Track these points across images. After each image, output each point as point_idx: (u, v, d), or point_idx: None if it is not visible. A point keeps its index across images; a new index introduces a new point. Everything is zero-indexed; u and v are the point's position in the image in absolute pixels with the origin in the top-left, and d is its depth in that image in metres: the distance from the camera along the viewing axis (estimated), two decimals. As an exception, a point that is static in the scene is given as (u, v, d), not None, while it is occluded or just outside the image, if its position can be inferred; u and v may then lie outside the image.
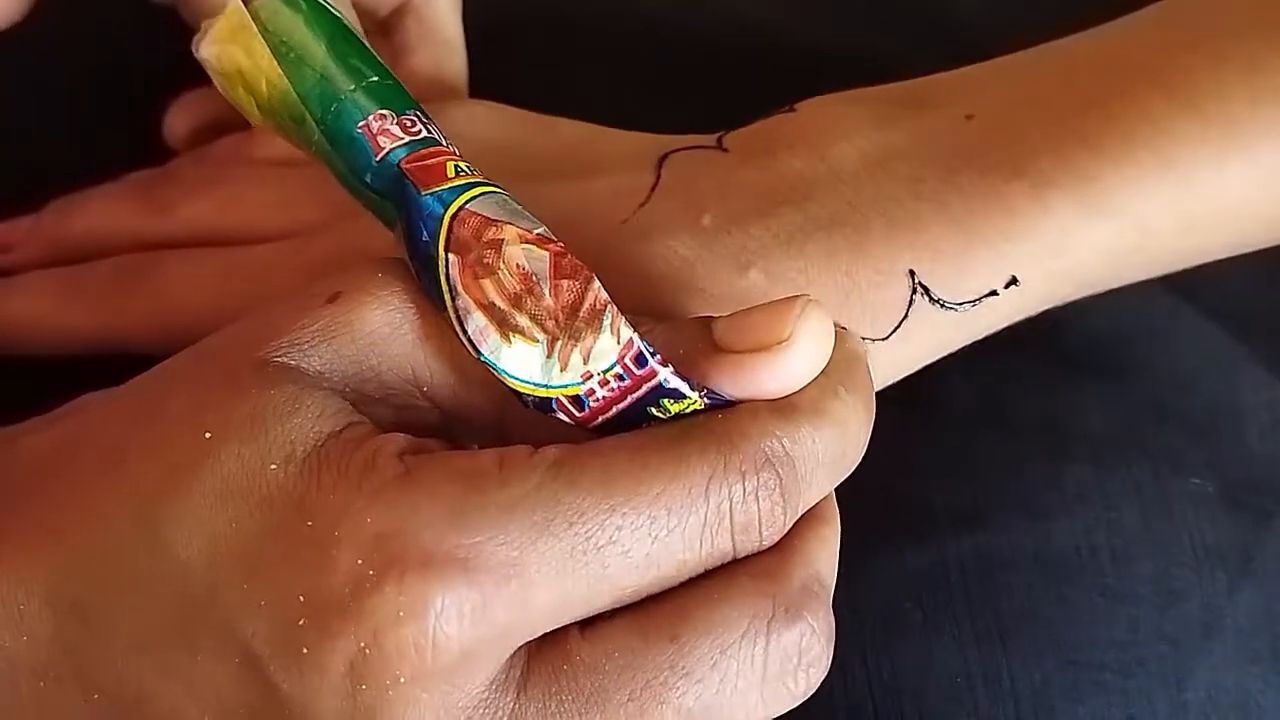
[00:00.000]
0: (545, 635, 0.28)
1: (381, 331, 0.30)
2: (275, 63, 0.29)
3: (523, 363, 0.28)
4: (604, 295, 0.28)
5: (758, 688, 0.28)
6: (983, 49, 0.39)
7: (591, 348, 0.28)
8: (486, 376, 0.29)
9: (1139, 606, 0.37)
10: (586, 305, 0.28)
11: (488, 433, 0.29)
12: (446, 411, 0.31)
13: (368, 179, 0.29)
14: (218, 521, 0.27)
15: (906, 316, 0.36)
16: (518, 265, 0.28)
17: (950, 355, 0.37)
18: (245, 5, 0.30)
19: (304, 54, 0.30)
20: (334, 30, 0.30)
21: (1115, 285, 0.38)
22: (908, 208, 0.36)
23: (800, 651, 0.28)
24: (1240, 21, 0.36)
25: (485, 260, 0.28)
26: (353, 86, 0.30)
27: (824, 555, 0.30)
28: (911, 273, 0.36)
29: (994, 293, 0.36)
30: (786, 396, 0.29)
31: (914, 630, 0.36)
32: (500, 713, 0.27)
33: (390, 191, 0.29)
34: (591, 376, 0.28)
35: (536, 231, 0.29)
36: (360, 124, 0.29)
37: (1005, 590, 0.36)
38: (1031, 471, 0.38)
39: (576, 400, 0.28)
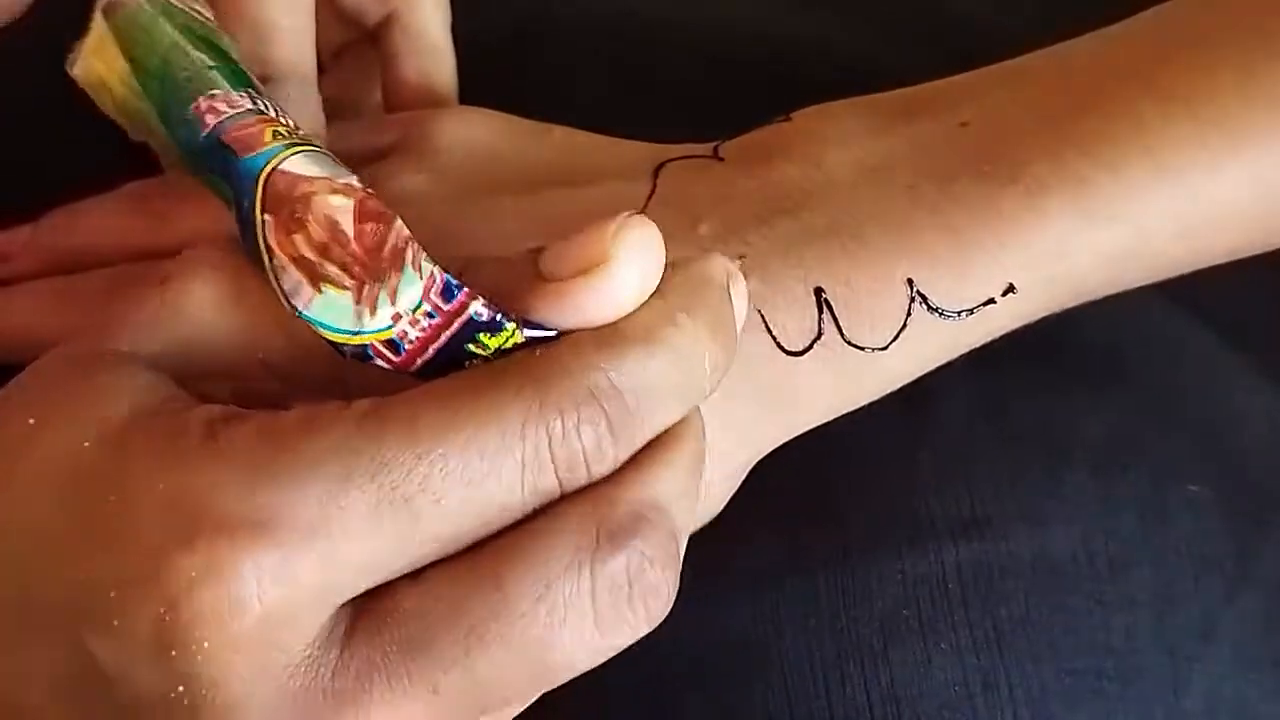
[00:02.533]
0: (373, 590, 0.28)
1: (209, 306, 0.30)
2: (127, 66, 0.30)
3: (335, 311, 0.28)
4: (405, 232, 0.28)
5: (590, 620, 0.27)
6: (978, 56, 0.39)
7: (396, 286, 0.28)
8: (318, 339, 0.29)
9: (1137, 614, 0.37)
10: (390, 245, 0.28)
11: (330, 397, 0.29)
12: (286, 380, 0.30)
13: (200, 157, 0.30)
14: (37, 504, 0.28)
15: (905, 326, 0.36)
16: (325, 215, 0.28)
17: (948, 363, 0.37)
18: (106, 18, 0.31)
19: (149, 52, 0.30)
20: (182, 27, 0.31)
21: (1113, 291, 0.38)
22: (904, 216, 0.36)
23: (630, 579, 0.28)
24: (1235, 26, 0.37)
25: (296, 214, 0.28)
26: (189, 74, 0.30)
27: (665, 478, 0.29)
28: (910, 281, 0.36)
29: (991, 301, 0.36)
30: (614, 324, 0.28)
31: (912, 637, 0.35)
32: (325, 669, 0.27)
33: (218, 165, 0.29)
34: (401, 318, 0.28)
35: (343, 181, 0.29)
36: (192, 105, 0.30)
37: (1003, 597, 0.36)
38: (1029, 479, 0.38)
39: (391, 345, 0.28)
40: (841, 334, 0.36)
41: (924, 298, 0.36)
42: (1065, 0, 0.43)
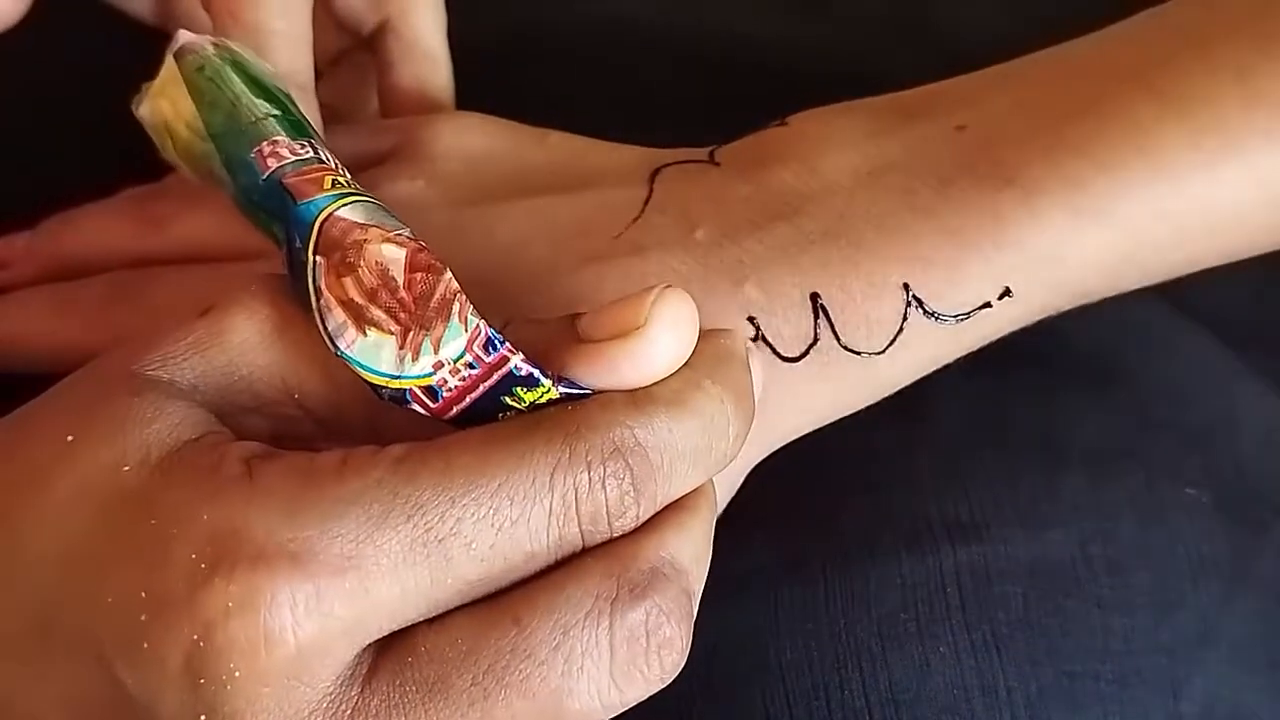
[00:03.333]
0: (395, 632, 0.28)
1: (251, 341, 0.30)
2: (194, 107, 0.32)
3: (377, 354, 0.29)
4: (454, 285, 0.29)
5: (606, 670, 0.28)
6: (974, 59, 0.39)
7: (441, 336, 0.29)
8: (355, 382, 0.29)
9: (1135, 616, 0.37)
10: (438, 295, 0.29)
11: (362, 440, 0.29)
12: (320, 419, 0.31)
13: (256, 198, 0.31)
14: (72, 522, 0.28)
15: (901, 330, 0.36)
16: (376, 262, 0.29)
17: (945, 366, 0.37)
18: (177, 61, 0.32)
19: (217, 97, 0.32)
20: (248, 77, 0.32)
21: (1109, 294, 0.38)
22: (900, 220, 0.36)
23: (648, 632, 0.28)
24: (1231, 28, 0.36)
25: (348, 259, 0.29)
26: (254, 119, 0.31)
27: (682, 541, 0.29)
28: (905, 285, 0.36)
29: (987, 304, 0.36)
30: (646, 388, 0.29)
31: (911, 641, 0.35)
32: (345, 707, 0.27)
33: (274, 207, 0.30)
34: (443, 366, 0.29)
35: (398, 232, 0.29)
36: (254, 149, 0.31)
37: (1001, 601, 0.36)
38: (1027, 482, 0.38)
39: (430, 391, 0.29)
40: (838, 339, 0.36)
41: (920, 302, 0.36)
42: (1060, 2, 0.43)
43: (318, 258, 0.29)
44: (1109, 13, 0.39)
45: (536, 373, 0.29)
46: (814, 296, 0.36)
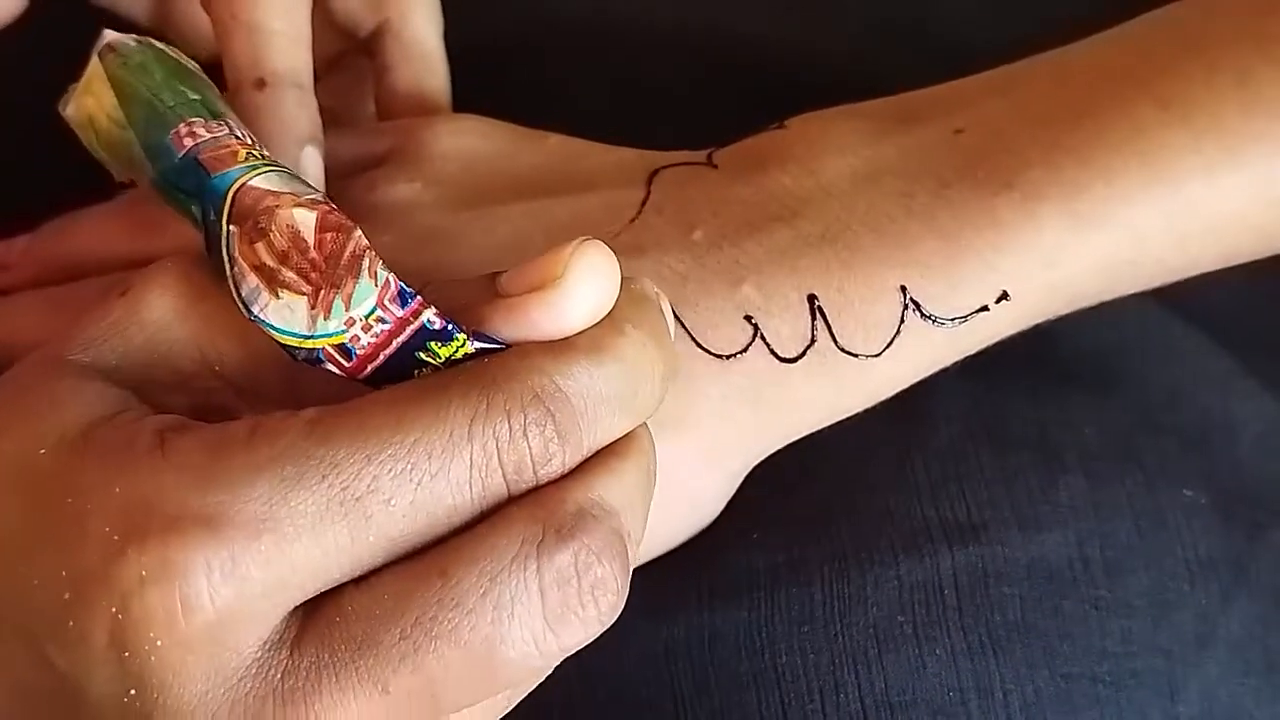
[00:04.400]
0: (323, 594, 0.28)
1: (166, 317, 0.30)
2: (115, 100, 0.32)
3: (290, 315, 0.29)
4: (364, 242, 0.29)
5: (539, 615, 0.28)
6: (973, 63, 0.39)
7: (352, 293, 0.29)
8: (273, 349, 0.29)
9: (1132, 618, 0.37)
10: (348, 253, 0.29)
11: (283, 409, 0.29)
12: (241, 390, 0.31)
13: (173, 179, 0.31)
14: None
15: (899, 333, 0.36)
16: (287, 225, 0.29)
17: (943, 369, 0.37)
18: (101, 59, 0.33)
19: (138, 89, 0.32)
20: (169, 69, 0.32)
21: (1107, 298, 0.38)
22: (898, 223, 0.36)
23: (578, 573, 0.28)
24: (1231, 32, 0.36)
25: (260, 225, 0.29)
26: (171, 105, 0.31)
27: (611, 484, 0.29)
28: (903, 289, 0.36)
29: (985, 308, 0.36)
30: (566, 337, 0.29)
31: (907, 643, 0.35)
32: (275, 671, 0.27)
33: (190, 185, 0.30)
34: (355, 322, 0.29)
35: (309, 197, 0.30)
36: (171, 132, 0.31)
37: (998, 602, 0.36)
38: (1024, 484, 0.38)
39: (343, 349, 0.29)
40: (835, 341, 0.36)
41: (917, 305, 0.36)
42: (1059, 5, 0.43)
43: (231, 227, 0.29)
44: (1108, 16, 0.39)
45: (450, 326, 0.29)
46: (811, 298, 0.36)
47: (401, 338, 0.29)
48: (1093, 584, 0.37)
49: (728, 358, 0.36)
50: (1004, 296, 0.36)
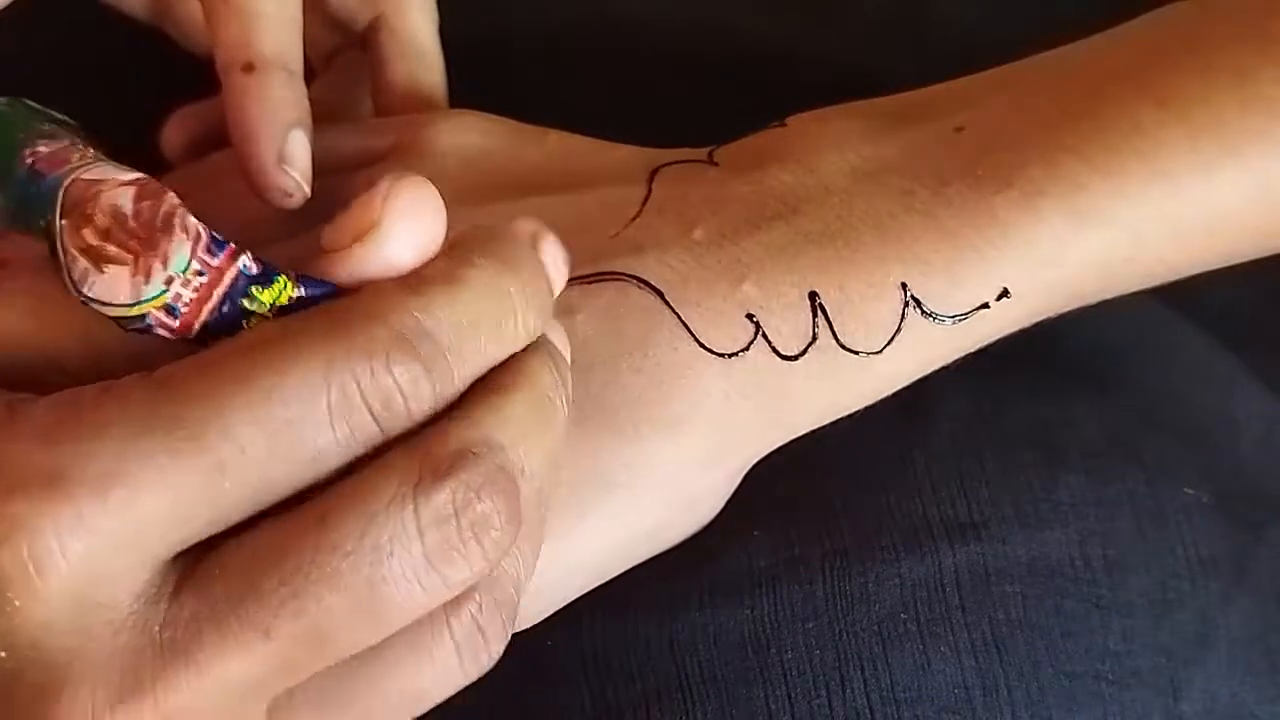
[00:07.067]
0: (199, 545, 0.28)
1: (11, 325, 0.30)
2: None
3: (115, 287, 0.29)
4: (174, 201, 0.29)
5: (419, 554, 0.27)
6: (974, 61, 0.39)
7: (168, 251, 0.29)
8: (115, 335, 0.29)
9: (1134, 617, 0.37)
10: (161, 215, 0.29)
11: None
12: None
13: (18, 196, 0.31)
14: None
15: (899, 330, 0.36)
16: (110, 205, 0.29)
17: (944, 367, 0.37)
18: None
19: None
20: (29, 115, 0.33)
21: (1108, 296, 0.38)
22: (898, 221, 0.36)
23: (456, 511, 0.27)
24: (1230, 32, 0.37)
25: (86, 212, 0.29)
26: (23, 136, 0.32)
27: (493, 419, 0.29)
28: (903, 286, 0.36)
29: (986, 305, 0.36)
30: (415, 270, 0.29)
31: (911, 641, 0.35)
32: (152, 623, 0.27)
33: (32, 196, 0.31)
34: (174, 280, 0.29)
35: (129, 176, 0.30)
36: (18, 156, 0.31)
37: (1001, 601, 0.36)
38: (1026, 482, 0.38)
39: (168, 310, 0.29)
40: (836, 338, 0.36)
41: (918, 302, 0.36)
42: (1059, 5, 0.43)
43: (63, 221, 0.29)
44: (1108, 15, 0.39)
45: (269, 269, 0.29)
46: (812, 296, 0.36)
47: (221, 287, 0.29)
48: (1094, 582, 0.37)
49: (730, 356, 0.36)
50: (1004, 293, 0.36)
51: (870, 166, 0.37)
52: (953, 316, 0.36)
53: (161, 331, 0.29)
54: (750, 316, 0.36)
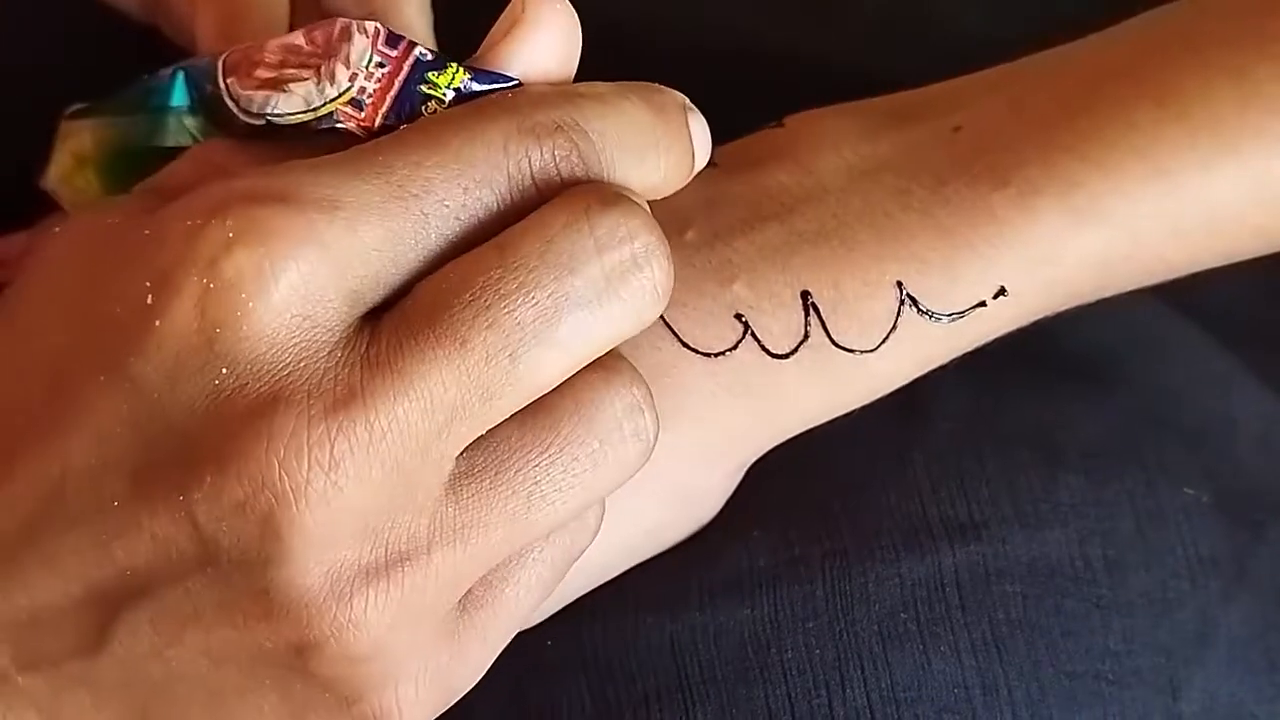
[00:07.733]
0: (396, 295, 0.29)
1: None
2: (89, 121, 0.36)
3: (300, 98, 0.31)
4: (344, 21, 0.31)
5: (599, 274, 0.29)
6: (972, 61, 0.39)
7: (348, 52, 0.31)
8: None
9: (1134, 616, 0.37)
10: (337, 30, 0.31)
11: None
12: None
13: (172, 99, 0.34)
14: (74, 273, 0.30)
15: (895, 328, 0.36)
16: (279, 45, 0.32)
17: (942, 366, 0.37)
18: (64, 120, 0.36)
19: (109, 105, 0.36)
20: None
21: (1106, 295, 0.38)
22: (895, 219, 0.36)
23: (630, 234, 0.30)
24: (1227, 29, 0.37)
25: (253, 58, 0.32)
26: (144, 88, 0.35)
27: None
28: (899, 284, 0.36)
29: (982, 303, 0.36)
30: (574, 85, 0.32)
31: (911, 640, 0.35)
32: (360, 343, 0.29)
33: (188, 96, 0.33)
34: (357, 76, 0.31)
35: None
36: (153, 89, 0.34)
37: (1001, 601, 0.36)
38: (1025, 483, 0.38)
39: (354, 103, 0.31)
40: (829, 337, 0.36)
41: (914, 300, 0.36)
42: (1059, 5, 0.43)
43: (228, 80, 0.32)
44: (1108, 15, 0.39)
45: (440, 57, 0.31)
46: (804, 294, 0.36)
47: (401, 75, 0.31)
48: (1094, 582, 0.37)
49: (715, 355, 0.36)
50: (1001, 292, 0.36)
51: (867, 165, 0.37)
52: (949, 315, 0.36)
53: (348, 124, 0.31)
54: (739, 316, 0.36)
